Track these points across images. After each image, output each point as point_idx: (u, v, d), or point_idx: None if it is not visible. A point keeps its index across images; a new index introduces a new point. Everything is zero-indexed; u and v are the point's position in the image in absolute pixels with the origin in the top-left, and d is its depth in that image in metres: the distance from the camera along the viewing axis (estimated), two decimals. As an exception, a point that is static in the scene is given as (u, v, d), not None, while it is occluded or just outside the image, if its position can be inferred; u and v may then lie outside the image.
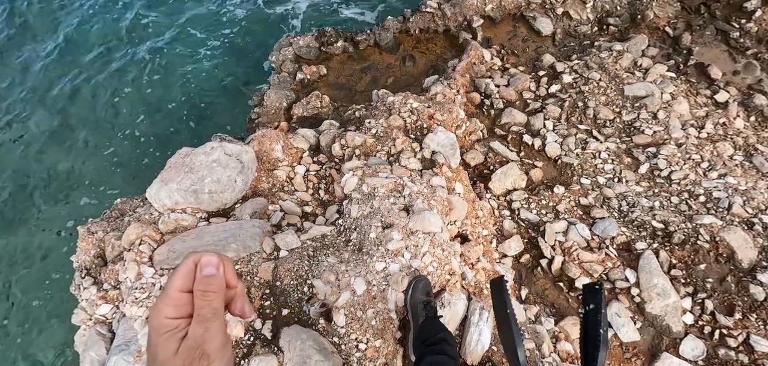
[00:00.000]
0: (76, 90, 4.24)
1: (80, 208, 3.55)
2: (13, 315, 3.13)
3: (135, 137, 3.92)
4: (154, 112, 4.05)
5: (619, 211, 2.40)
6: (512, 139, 2.87)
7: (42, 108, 4.14)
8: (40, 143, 3.93)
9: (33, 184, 3.72)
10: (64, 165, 3.79)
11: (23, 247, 3.41)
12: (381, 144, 2.48)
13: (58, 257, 3.30)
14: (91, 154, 3.84)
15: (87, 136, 3.94)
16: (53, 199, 3.64)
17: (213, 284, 0.46)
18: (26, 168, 3.81)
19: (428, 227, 1.94)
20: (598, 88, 3.01)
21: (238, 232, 1.96)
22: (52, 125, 4.02)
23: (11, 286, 3.24)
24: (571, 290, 2.13)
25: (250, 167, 2.32)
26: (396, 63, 3.62)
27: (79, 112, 4.10)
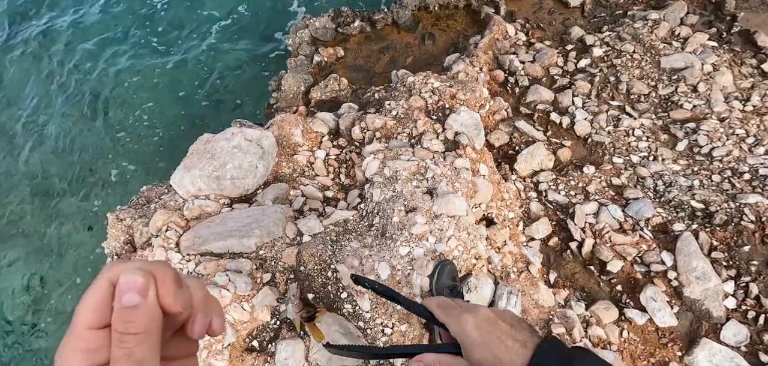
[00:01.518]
0: (96, 79, 4.32)
1: (108, 196, 3.66)
2: (46, 302, 3.28)
3: (156, 124, 3.98)
4: (174, 98, 4.09)
5: (655, 191, 2.27)
6: (538, 118, 2.75)
7: (63, 97, 4.24)
8: (65, 132, 4.04)
9: (61, 173, 3.84)
10: (89, 154, 3.90)
11: (55, 234, 3.55)
12: (402, 126, 2.42)
13: (88, 244, 3.43)
14: (116, 141, 3.93)
15: (110, 124, 4.03)
16: (81, 187, 3.75)
17: (137, 319, 0.30)
18: (53, 157, 3.94)
19: (453, 210, 1.88)
20: (631, 61, 2.84)
21: (261, 218, 1.96)
22: (74, 115, 4.13)
23: (45, 274, 3.38)
24: (603, 274, 2.04)
25: (271, 152, 2.31)
26: (415, 42, 3.52)
27: (99, 101, 4.19)
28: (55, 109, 4.20)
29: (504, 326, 0.60)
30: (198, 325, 0.35)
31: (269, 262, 1.88)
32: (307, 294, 1.79)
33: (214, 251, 1.92)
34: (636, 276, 2.00)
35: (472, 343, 0.59)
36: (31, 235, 3.57)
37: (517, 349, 0.57)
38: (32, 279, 3.38)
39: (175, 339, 0.37)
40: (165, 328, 0.33)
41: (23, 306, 3.28)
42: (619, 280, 2.01)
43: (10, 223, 3.64)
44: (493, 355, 0.57)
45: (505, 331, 0.59)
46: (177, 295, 0.33)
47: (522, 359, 0.56)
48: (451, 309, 0.65)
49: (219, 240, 1.92)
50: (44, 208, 3.69)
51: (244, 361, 1.69)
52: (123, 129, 3.99)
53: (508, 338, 0.58)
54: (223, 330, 0.38)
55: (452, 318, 0.64)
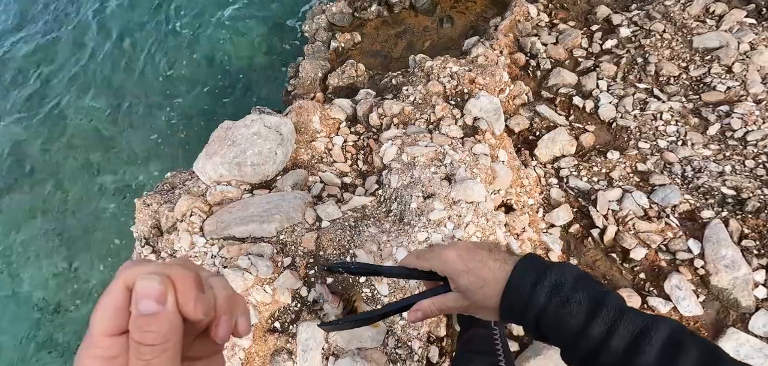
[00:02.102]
0: (118, 69, 4.44)
1: (136, 182, 3.79)
2: (76, 282, 3.45)
3: (178, 112, 4.07)
4: (194, 86, 4.17)
5: (683, 177, 2.19)
6: (560, 102, 2.68)
7: (89, 85, 4.38)
8: (93, 118, 4.19)
9: (90, 157, 3.99)
10: (116, 141, 4.03)
11: (85, 216, 3.71)
12: (420, 112, 2.40)
13: (116, 226, 3.57)
14: (140, 129, 4.05)
15: (134, 112, 4.15)
16: (110, 171, 3.90)
17: (155, 329, 0.28)
18: (82, 141, 4.09)
19: (471, 196, 1.87)
20: (661, 41, 2.71)
21: (281, 204, 2.00)
22: (101, 103, 4.26)
23: (75, 254, 3.55)
24: (625, 261, 2.00)
25: (289, 139, 2.34)
26: (432, 25, 3.46)
27: (122, 88, 4.31)
28: (83, 96, 4.34)
29: (483, 252, 0.64)
30: (222, 329, 0.33)
31: (289, 246, 1.93)
32: (326, 278, 1.83)
33: (237, 235, 1.97)
34: (660, 264, 1.95)
35: (458, 273, 0.63)
36: (62, 216, 3.75)
37: (499, 266, 0.61)
38: (62, 259, 3.56)
39: (200, 339, 0.34)
40: (188, 333, 0.31)
41: (54, 286, 3.47)
42: (643, 268, 1.97)
43: (41, 204, 3.82)
44: (478, 277, 0.61)
45: (486, 256, 0.63)
46: (198, 300, 0.30)
47: (504, 274, 0.60)
48: (429, 253, 0.69)
49: (241, 225, 1.97)
50: (74, 191, 3.86)
51: (267, 341, 1.75)
52: (146, 114, 4.11)
53: (489, 260, 0.62)
54: (249, 331, 0.36)
55: (434, 258, 0.67)
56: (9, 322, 3.39)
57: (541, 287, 0.57)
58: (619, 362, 0.53)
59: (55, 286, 3.46)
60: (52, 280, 3.49)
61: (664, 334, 0.52)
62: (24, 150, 4.14)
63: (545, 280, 0.57)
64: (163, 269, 0.29)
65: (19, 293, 3.46)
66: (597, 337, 0.54)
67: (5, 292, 3.48)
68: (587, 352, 0.55)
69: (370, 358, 1.68)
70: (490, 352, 1.25)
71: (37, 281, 3.49)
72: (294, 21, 4.21)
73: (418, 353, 1.73)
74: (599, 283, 0.59)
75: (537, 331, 0.59)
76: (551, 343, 0.59)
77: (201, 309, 0.30)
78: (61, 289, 3.44)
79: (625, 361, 0.52)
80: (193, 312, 0.30)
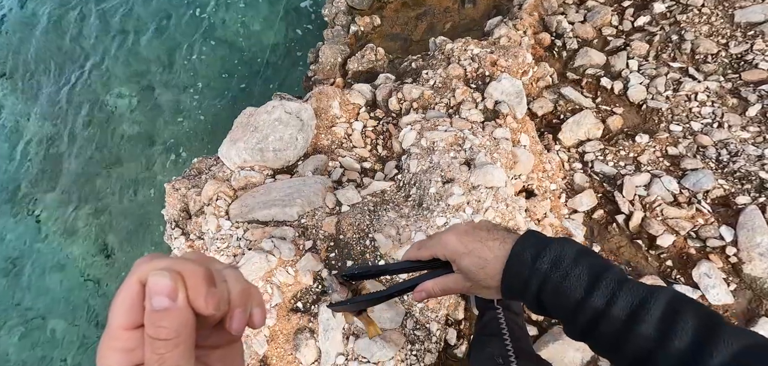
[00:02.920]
0: (141, 59, 4.58)
1: (165, 167, 3.95)
2: (112, 261, 3.66)
3: (202, 98, 4.19)
4: (216, 72, 4.27)
5: (717, 161, 2.09)
6: (587, 84, 2.58)
7: (118, 75, 4.55)
8: (121, 110, 4.37)
9: (121, 143, 4.19)
10: (146, 129, 4.20)
11: (119, 199, 3.91)
12: (439, 96, 2.38)
13: (148, 208, 3.75)
14: (168, 116, 4.20)
15: (161, 100, 4.29)
16: (140, 156, 4.08)
17: (167, 324, 0.29)
18: (114, 127, 4.28)
19: (491, 181, 1.86)
20: (699, 17, 2.55)
21: (302, 188, 2.05)
22: (129, 92, 4.43)
23: (111, 235, 3.76)
24: (652, 248, 1.94)
25: (310, 125, 2.37)
26: (454, 6, 3.38)
27: (149, 79, 4.46)
28: (111, 85, 4.53)
29: (482, 232, 0.65)
30: (236, 321, 0.33)
31: (310, 230, 1.98)
32: (346, 261, 1.87)
33: (260, 219, 2.04)
34: (689, 251, 1.89)
35: (459, 254, 0.64)
36: (98, 198, 3.97)
37: (499, 245, 0.62)
38: (99, 239, 3.78)
39: (217, 329, 0.35)
40: (203, 325, 0.32)
41: (92, 264, 3.70)
42: (670, 255, 1.90)
43: (79, 187, 4.06)
44: (479, 257, 0.62)
45: (485, 236, 0.64)
46: (209, 295, 0.31)
47: (504, 252, 0.61)
48: (429, 241, 0.71)
49: (264, 209, 2.03)
50: (109, 175, 4.07)
51: (290, 320, 1.82)
52: (174, 105, 4.25)
53: (488, 239, 0.63)
54: (264, 323, 0.37)
55: (435, 245, 0.69)
56: (62, 293, 3.65)
57: (541, 263, 0.57)
58: (618, 331, 0.53)
59: (91, 264, 3.69)
60: (89, 256, 3.72)
61: (663, 301, 0.53)
62: (56, 139, 4.38)
63: (545, 256, 0.57)
64: (174, 264, 0.30)
65: (67, 268, 3.72)
66: (597, 307, 0.54)
67: (56, 265, 3.75)
68: (587, 323, 0.55)
69: (389, 338, 1.72)
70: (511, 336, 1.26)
71: (75, 259, 3.73)
72: (313, 5, 4.21)
73: (436, 335, 1.76)
74: (600, 256, 0.59)
75: (539, 306, 0.60)
76: (553, 317, 0.61)
77: (212, 303, 0.31)
78: (96, 267, 3.67)
79: (625, 330, 0.53)
80: (204, 307, 0.30)
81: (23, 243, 3.94)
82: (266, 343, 1.78)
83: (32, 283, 3.74)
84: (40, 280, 3.72)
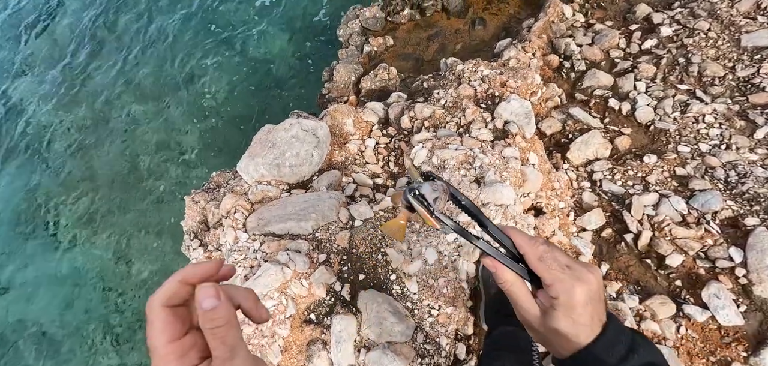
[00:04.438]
0: (164, 74, 4.77)
1: (183, 180, 4.08)
2: (133, 273, 3.76)
3: (220, 113, 4.34)
4: (234, 88, 4.42)
5: (726, 183, 2.11)
6: (595, 105, 2.64)
7: (137, 93, 4.74)
8: (143, 124, 4.54)
9: (142, 158, 4.34)
10: (166, 142, 4.35)
11: (139, 210, 4.04)
12: (450, 115, 2.45)
13: (166, 220, 3.87)
14: (188, 131, 4.35)
15: (180, 114, 4.45)
16: (161, 169, 4.22)
17: (219, 316, 0.39)
18: (136, 143, 4.45)
19: (500, 199, 1.91)
20: (706, 40, 2.60)
21: (317, 203, 2.12)
22: (149, 108, 4.61)
23: (130, 245, 3.88)
24: (660, 267, 1.96)
25: (325, 141, 2.46)
26: (464, 27, 3.48)
27: (170, 94, 4.63)
28: (133, 100, 4.71)
29: (602, 307, 0.56)
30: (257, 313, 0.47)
31: (324, 243, 2.04)
32: (358, 274, 1.93)
33: (276, 232, 2.12)
34: (698, 271, 1.90)
35: (571, 307, 0.54)
36: (119, 208, 4.10)
37: (597, 323, 0.55)
38: (118, 248, 3.90)
39: None
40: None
41: (111, 272, 3.81)
42: (679, 275, 1.92)
43: (99, 196, 4.20)
44: (576, 324, 0.55)
45: (601, 310, 0.56)
46: (240, 295, 0.45)
47: (593, 333, 0.55)
48: (558, 269, 0.56)
49: (280, 222, 2.11)
50: (130, 185, 4.21)
51: (304, 331, 1.88)
52: (188, 118, 4.40)
53: (594, 315, 0.55)
54: (267, 318, 0.49)
55: (560, 281, 0.55)
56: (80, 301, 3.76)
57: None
58: None
59: (111, 272, 3.80)
60: (109, 264, 3.83)
61: None
62: (78, 148, 4.56)
63: (633, 360, 0.53)
64: (215, 282, 0.44)
65: (85, 275, 3.83)
66: None
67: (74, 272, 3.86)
68: None
69: (399, 351, 1.76)
70: (520, 350, 1.29)
71: (96, 267, 3.85)
72: (328, 26, 4.36)
73: (445, 349, 1.80)
74: None
75: None
76: None
77: (245, 301, 0.45)
78: (115, 276, 3.78)
79: None
80: (244, 300, 0.45)
81: (43, 249, 4.08)
82: (280, 353, 1.84)
83: (50, 290, 3.86)
84: (57, 287, 3.84)
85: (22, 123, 4.93)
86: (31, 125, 4.86)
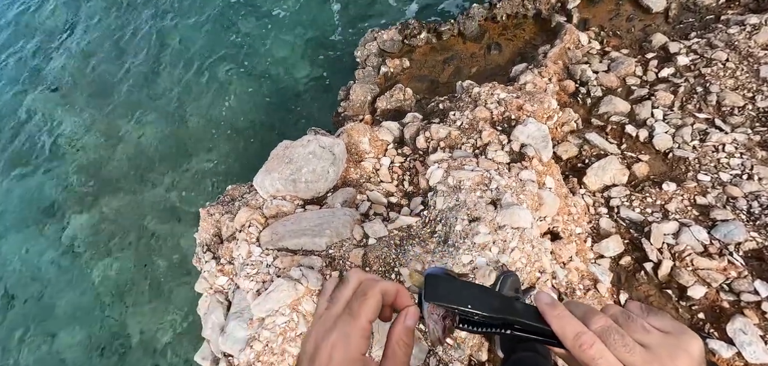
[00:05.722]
0: (183, 87, 4.88)
1: (198, 192, 4.12)
2: (147, 282, 3.77)
3: (236, 128, 4.41)
4: (251, 105, 4.50)
5: (749, 213, 2.07)
6: (612, 130, 2.62)
7: (157, 107, 4.85)
8: (157, 139, 4.62)
9: (158, 169, 4.40)
10: (180, 156, 4.42)
11: (151, 222, 4.08)
12: (466, 136, 2.46)
13: (179, 232, 3.89)
14: (205, 145, 4.42)
15: (199, 128, 4.54)
16: (176, 182, 4.27)
17: (409, 338, 0.48)
18: (150, 155, 4.52)
19: (517, 222, 1.89)
20: (724, 70, 2.60)
21: (331, 220, 2.12)
22: (169, 121, 4.71)
23: (143, 258, 3.90)
24: (682, 299, 1.91)
25: (341, 159, 2.48)
26: (480, 52, 3.53)
27: (189, 107, 4.73)
28: (153, 113, 4.82)
29: None
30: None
31: (338, 260, 2.03)
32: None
33: (290, 247, 2.11)
34: (722, 304, 1.84)
35: None
36: (133, 218, 4.15)
37: None
38: (131, 256, 3.92)
39: None
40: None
41: (121, 280, 3.83)
42: (702, 308, 1.86)
43: (115, 205, 4.26)
44: None
45: None
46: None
47: None
48: (627, 352, 0.39)
49: (294, 238, 2.11)
50: (145, 197, 4.26)
51: (314, 350, 1.85)
52: (207, 132, 4.48)
53: None
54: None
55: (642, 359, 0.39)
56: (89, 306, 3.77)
57: None
58: None
59: (121, 283, 3.82)
60: (119, 275, 3.85)
61: None
62: (96, 157, 4.65)
63: None
64: (394, 288, 0.51)
65: (96, 282, 3.86)
66: None
67: (86, 278, 3.89)
68: None
69: (412, 374, 1.72)
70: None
71: (105, 278, 3.87)
72: (345, 47, 4.46)
73: (459, 375, 1.75)
74: None
75: None
76: None
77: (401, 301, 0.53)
78: (124, 287, 3.79)
79: None
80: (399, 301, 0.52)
81: (56, 254, 4.13)
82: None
83: (60, 295, 3.89)
84: (68, 293, 3.87)
85: (45, 132, 5.07)
86: (50, 133, 5.00)
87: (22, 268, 4.20)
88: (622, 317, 0.42)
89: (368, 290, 0.47)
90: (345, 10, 4.80)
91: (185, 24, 5.44)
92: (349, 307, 0.47)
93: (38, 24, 6.26)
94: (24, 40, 6.15)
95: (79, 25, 5.94)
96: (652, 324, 0.41)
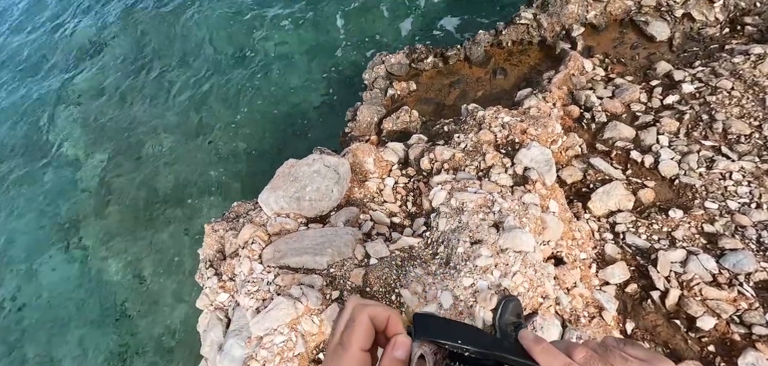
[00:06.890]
0: (192, 106, 4.99)
1: (204, 208, 4.16)
2: (147, 297, 3.78)
3: (243, 146, 4.48)
4: (260, 122, 4.59)
5: (758, 243, 2.02)
6: (616, 156, 2.61)
7: (169, 126, 4.96)
8: (167, 155, 4.71)
9: (164, 185, 4.47)
10: (189, 173, 4.49)
11: (156, 235, 4.11)
12: (470, 159, 2.47)
13: (184, 246, 3.91)
14: (212, 162, 4.49)
15: (206, 147, 4.61)
16: (181, 198, 4.32)
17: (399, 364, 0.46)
18: (158, 172, 4.60)
19: (520, 246, 1.87)
20: (729, 99, 2.59)
21: (333, 238, 2.12)
22: (180, 139, 4.80)
23: (147, 273, 3.92)
24: (691, 330, 1.85)
25: (345, 178, 2.50)
26: (485, 76, 3.57)
27: (196, 126, 4.83)
28: (162, 130, 4.93)
29: None
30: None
31: (338, 280, 2.02)
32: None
33: (291, 265, 2.11)
34: (733, 337, 1.79)
35: None
36: (139, 231, 4.18)
37: None
38: (136, 271, 3.94)
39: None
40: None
41: (127, 289, 3.84)
42: (712, 340, 1.81)
43: (122, 219, 4.30)
44: None
45: None
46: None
47: None
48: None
49: (296, 255, 2.11)
50: (152, 211, 4.31)
51: (312, 371, 1.82)
52: (216, 149, 4.56)
53: None
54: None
55: None
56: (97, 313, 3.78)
57: None
58: None
59: (127, 292, 3.83)
60: (125, 286, 3.87)
61: None
62: (107, 172, 4.74)
63: None
64: (387, 312, 0.49)
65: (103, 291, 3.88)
66: None
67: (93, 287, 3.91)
68: None
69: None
70: None
71: (111, 288, 3.89)
72: (353, 69, 4.55)
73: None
74: None
75: None
76: None
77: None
78: (130, 297, 3.80)
79: None
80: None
81: (66, 265, 4.16)
82: (288, 391, 1.78)
83: (68, 303, 3.90)
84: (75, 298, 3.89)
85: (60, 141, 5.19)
86: (63, 145, 5.12)
87: (30, 277, 4.24)
88: (600, 349, 0.44)
89: (356, 316, 0.47)
90: (353, 34, 4.92)
91: (195, 45, 5.61)
92: (341, 338, 0.48)
93: (66, 43, 6.50)
94: (56, 55, 6.39)
95: (98, 45, 6.16)
96: (629, 353, 0.43)
